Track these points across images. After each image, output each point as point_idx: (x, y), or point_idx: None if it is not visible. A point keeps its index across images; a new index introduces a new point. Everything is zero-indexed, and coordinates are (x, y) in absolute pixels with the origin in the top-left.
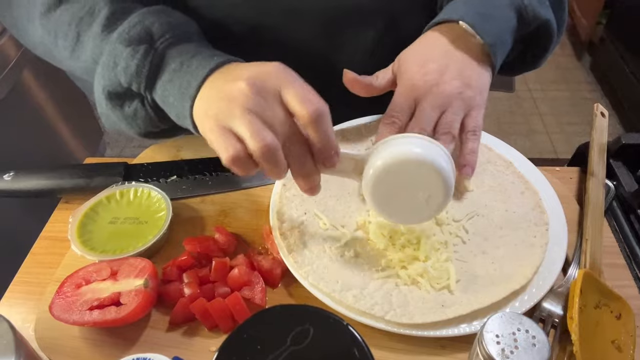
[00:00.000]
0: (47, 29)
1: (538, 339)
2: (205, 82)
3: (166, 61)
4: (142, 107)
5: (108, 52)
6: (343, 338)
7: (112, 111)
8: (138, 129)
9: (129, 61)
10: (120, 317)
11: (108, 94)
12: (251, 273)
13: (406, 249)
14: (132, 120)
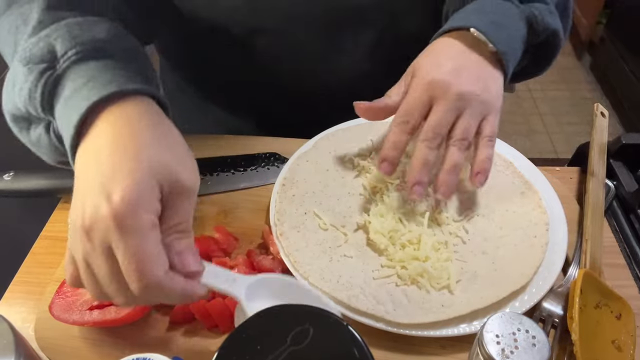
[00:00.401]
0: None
1: (538, 339)
2: (85, 127)
3: (63, 85)
4: (45, 134)
5: (10, 73)
6: (343, 338)
7: (19, 135)
8: (47, 157)
9: (22, 83)
10: (119, 318)
11: (12, 117)
12: (251, 273)
13: (406, 249)
14: (37, 147)
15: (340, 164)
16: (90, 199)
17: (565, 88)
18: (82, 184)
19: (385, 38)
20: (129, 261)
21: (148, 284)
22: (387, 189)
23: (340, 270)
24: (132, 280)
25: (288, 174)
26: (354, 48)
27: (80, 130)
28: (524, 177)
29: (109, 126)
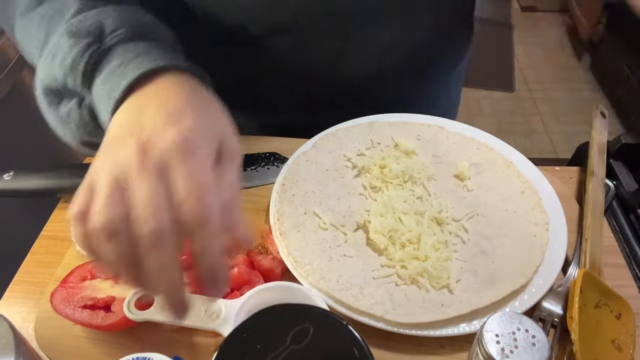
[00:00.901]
0: (21, 29)
1: (538, 338)
2: (133, 92)
3: (109, 59)
4: (77, 109)
5: (52, 43)
6: (343, 337)
7: (47, 109)
8: (72, 135)
9: (66, 54)
10: (105, 325)
11: (44, 89)
12: (251, 272)
13: (406, 249)
14: (65, 123)
15: (340, 164)
16: (151, 121)
17: (565, 88)
18: (136, 117)
19: (398, 39)
20: (190, 185)
21: (201, 214)
22: (387, 189)
23: (340, 269)
24: (189, 205)
25: (288, 173)
26: (367, 48)
27: (125, 96)
28: (524, 177)
29: (164, 86)
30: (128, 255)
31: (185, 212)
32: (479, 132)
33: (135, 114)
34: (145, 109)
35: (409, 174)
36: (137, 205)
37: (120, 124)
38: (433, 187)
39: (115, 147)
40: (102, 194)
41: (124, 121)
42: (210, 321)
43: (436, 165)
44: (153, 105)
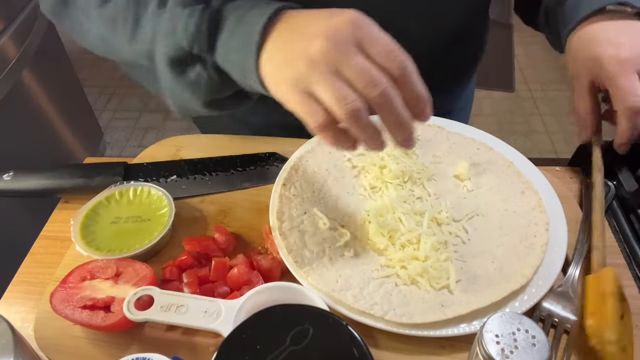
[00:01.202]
0: (104, 18)
1: (538, 338)
2: (269, 33)
3: (224, 17)
4: (204, 71)
5: (166, 19)
6: (342, 338)
7: (175, 80)
8: (203, 97)
9: (187, 22)
10: (104, 325)
11: (170, 61)
12: (251, 272)
13: (406, 249)
14: (195, 88)
15: (340, 164)
16: (315, 24)
17: (566, 88)
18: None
19: (430, 32)
20: (383, 47)
21: (402, 62)
22: (386, 189)
23: (340, 270)
24: (392, 60)
25: (288, 174)
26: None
27: (258, 46)
28: (524, 177)
29: (304, 16)
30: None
31: (391, 66)
32: (479, 132)
33: (294, 34)
34: (299, 26)
35: (409, 174)
36: (359, 79)
37: (283, 50)
38: (433, 187)
39: (299, 56)
40: (328, 90)
41: (287, 46)
42: (210, 321)
43: (436, 166)
44: (302, 22)
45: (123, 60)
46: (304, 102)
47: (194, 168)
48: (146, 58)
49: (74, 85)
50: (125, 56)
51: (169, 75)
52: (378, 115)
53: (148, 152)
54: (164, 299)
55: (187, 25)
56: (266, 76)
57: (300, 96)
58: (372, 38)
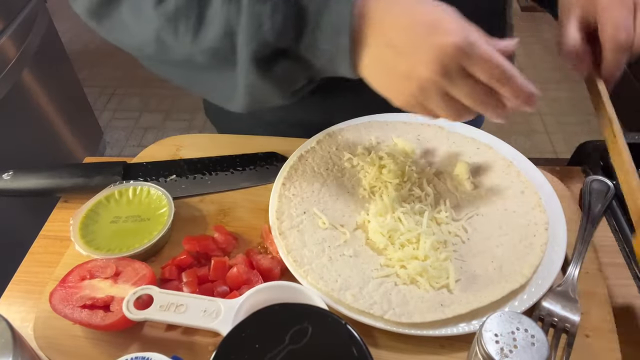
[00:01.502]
0: (165, 16)
1: (537, 338)
2: (358, 18)
3: (304, 7)
4: (291, 64)
5: (247, 16)
6: (341, 337)
7: (261, 79)
8: (288, 89)
9: (273, 18)
10: (104, 324)
11: (256, 61)
12: (250, 272)
13: (405, 248)
14: (283, 82)
15: (339, 164)
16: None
17: (565, 88)
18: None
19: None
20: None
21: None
22: (386, 189)
23: (339, 269)
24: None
25: (287, 173)
26: None
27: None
28: (523, 177)
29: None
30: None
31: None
32: (479, 132)
33: (386, 23)
34: (391, 16)
35: (409, 174)
36: (468, 100)
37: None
38: (433, 187)
39: (407, 76)
40: (441, 109)
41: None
42: (209, 321)
43: (436, 165)
44: (396, 10)
45: (174, 59)
46: (415, 109)
47: (193, 168)
48: (211, 55)
49: (74, 85)
50: (181, 55)
51: (254, 71)
52: None
53: (148, 152)
54: (163, 298)
55: (274, 21)
56: (367, 73)
57: (409, 104)
58: (475, 60)
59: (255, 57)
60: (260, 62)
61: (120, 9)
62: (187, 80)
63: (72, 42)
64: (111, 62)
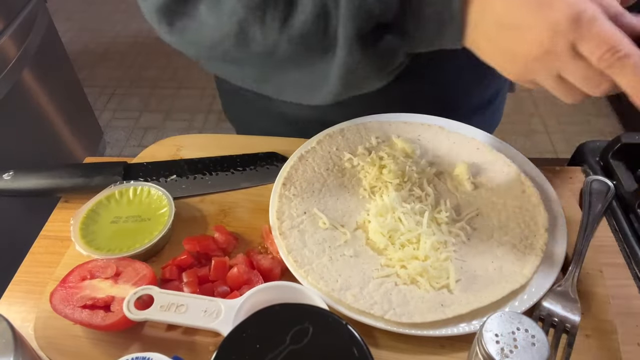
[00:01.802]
0: (249, 6)
1: (537, 338)
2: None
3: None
4: (393, 37)
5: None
6: (342, 337)
7: (365, 58)
8: (389, 66)
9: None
10: (104, 325)
11: (359, 38)
12: (251, 272)
13: (406, 249)
14: (384, 60)
15: (340, 164)
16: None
17: None
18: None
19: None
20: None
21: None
22: (386, 189)
23: (340, 269)
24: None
25: (288, 173)
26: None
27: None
28: (523, 177)
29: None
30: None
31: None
32: (479, 132)
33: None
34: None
35: (409, 174)
36: (583, 85)
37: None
38: (433, 187)
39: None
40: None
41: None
42: (209, 321)
43: (436, 166)
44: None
45: (253, 52)
46: (527, 85)
47: (194, 168)
48: (299, 42)
49: (74, 85)
50: (263, 47)
51: (358, 50)
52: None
53: (148, 152)
54: (163, 298)
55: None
56: (472, 43)
57: (519, 81)
58: (589, 40)
59: (358, 35)
60: (363, 39)
61: (198, 4)
62: (261, 77)
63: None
64: (111, 62)
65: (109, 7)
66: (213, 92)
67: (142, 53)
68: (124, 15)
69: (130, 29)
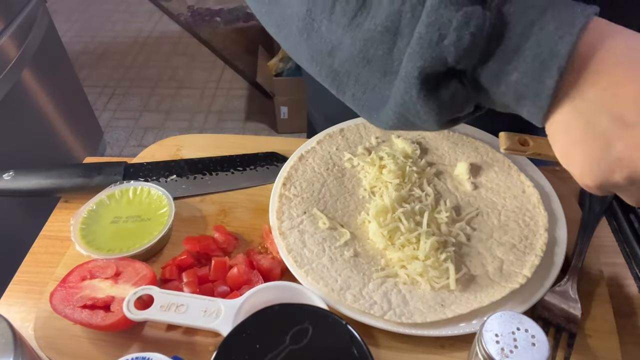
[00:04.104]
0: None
1: (537, 338)
2: (582, 56)
3: (506, 23)
4: (462, 88)
5: (428, 23)
6: (342, 337)
7: (421, 100)
8: (446, 116)
9: (461, 32)
10: (104, 325)
11: (424, 78)
12: (250, 272)
13: (405, 249)
14: (446, 108)
15: (340, 164)
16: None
17: None
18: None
19: None
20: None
21: None
22: (386, 189)
23: (340, 269)
24: None
25: (288, 173)
26: None
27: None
28: (523, 177)
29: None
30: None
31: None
32: (479, 132)
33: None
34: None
35: (409, 174)
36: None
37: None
38: (433, 187)
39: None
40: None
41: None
42: (209, 321)
43: (436, 166)
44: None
45: (313, 49)
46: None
47: (194, 168)
48: (364, 45)
49: (74, 85)
50: (324, 43)
51: (417, 89)
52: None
53: (148, 152)
54: (163, 298)
55: (461, 37)
56: (555, 129)
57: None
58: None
59: (422, 74)
60: (427, 80)
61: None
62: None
63: (72, 42)
64: (111, 62)
65: (109, 7)
66: (213, 92)
67: (142, 53)
68: (124, 15)
69: (130, 29)
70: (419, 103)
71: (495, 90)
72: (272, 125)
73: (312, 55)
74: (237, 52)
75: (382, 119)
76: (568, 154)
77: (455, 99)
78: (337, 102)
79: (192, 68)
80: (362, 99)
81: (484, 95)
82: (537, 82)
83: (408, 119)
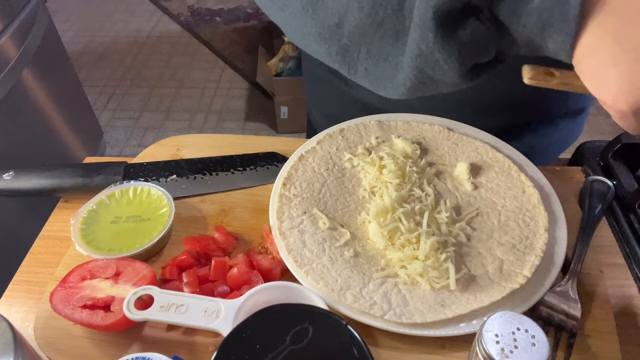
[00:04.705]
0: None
1: (537, 338)
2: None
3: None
4: (480, 26)
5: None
6: (342, 337)
7: (439, 45)
8: (468, 61)
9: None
10: (104, 325)
11: (440, 18)
12: (251, 272)
13: (405, 249)
14: (463, 50)
15: (340, 164)
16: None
17: None
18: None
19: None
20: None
21: None
22: (386, 189)
23: (340, 269)
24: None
25: (288, 173)
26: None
27: None
28: (524, 177)
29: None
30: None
31: None
32: (479, 132)
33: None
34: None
35: (409, 174)
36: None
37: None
38: (433, 187)
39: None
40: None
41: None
42: (209, 321)
43: (436, 166)
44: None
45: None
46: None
47: (194, 168)
48: (368, 14)
49: (74, 85)
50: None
51: (433, 32)
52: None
53: (148, 152)
54: (163, 298)
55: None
56: (583, 60)
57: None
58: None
59: (437, 13)
60: (443, 20)
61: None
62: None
63: (72, 42)
64: (111, 62)
65: (109, 7)
66: (213, 92)
67: (142, 53)
68: (124, 15)
69: (130, 29)
70: (437, 48)
71: (516, 24)
72: (272, 125)
73: (319, 32)
74: (237, 52)
75: (397, 84)
76: (598, 78)
77: (475, 39)
78: (337, 102)
79: (192, 68)
80: (375, 72)
81: (504, 33)
82: (561, 5)
83: (426, 74)
